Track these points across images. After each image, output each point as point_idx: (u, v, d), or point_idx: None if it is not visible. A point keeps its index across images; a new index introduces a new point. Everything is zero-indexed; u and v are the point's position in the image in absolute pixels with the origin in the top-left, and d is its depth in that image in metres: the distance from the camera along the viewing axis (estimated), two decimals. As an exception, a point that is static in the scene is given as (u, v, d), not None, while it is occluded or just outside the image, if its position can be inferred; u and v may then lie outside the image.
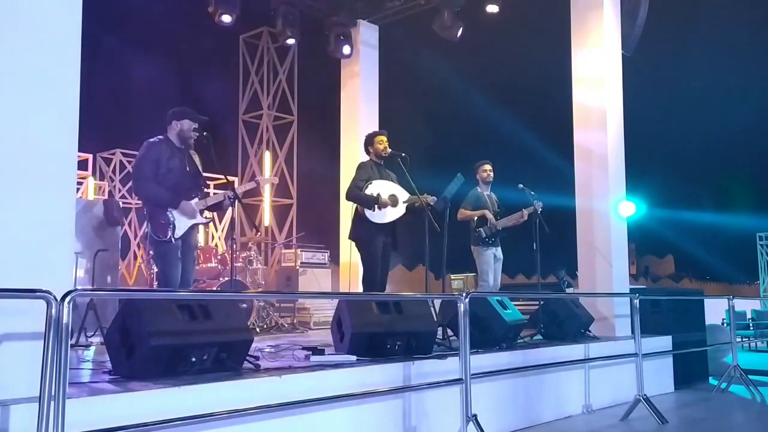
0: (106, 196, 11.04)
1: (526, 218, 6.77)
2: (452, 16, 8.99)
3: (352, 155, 8.87)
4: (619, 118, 7.32)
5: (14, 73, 2.86)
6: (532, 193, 6.80)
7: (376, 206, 5.77)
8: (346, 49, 9.52)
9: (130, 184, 11.14)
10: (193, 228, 4.94)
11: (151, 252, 4.90)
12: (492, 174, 7.06)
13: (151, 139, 4.89)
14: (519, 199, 6.91)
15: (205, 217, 5.03)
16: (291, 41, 9.69)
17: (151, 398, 2.94)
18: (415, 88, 14.33)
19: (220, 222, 12.18)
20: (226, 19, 8.24)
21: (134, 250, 11.53)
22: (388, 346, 4.30)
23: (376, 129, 8.52)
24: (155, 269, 6.87)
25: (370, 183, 5.84)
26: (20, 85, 2.88)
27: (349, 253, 6.24)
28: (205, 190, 5.24)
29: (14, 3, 2.89)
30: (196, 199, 4.93)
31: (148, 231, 4.83)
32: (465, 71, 14.23)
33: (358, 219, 5.93)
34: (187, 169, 4.93)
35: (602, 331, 6.73)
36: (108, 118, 10.37)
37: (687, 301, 7.77)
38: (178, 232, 4.78)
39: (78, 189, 10.41)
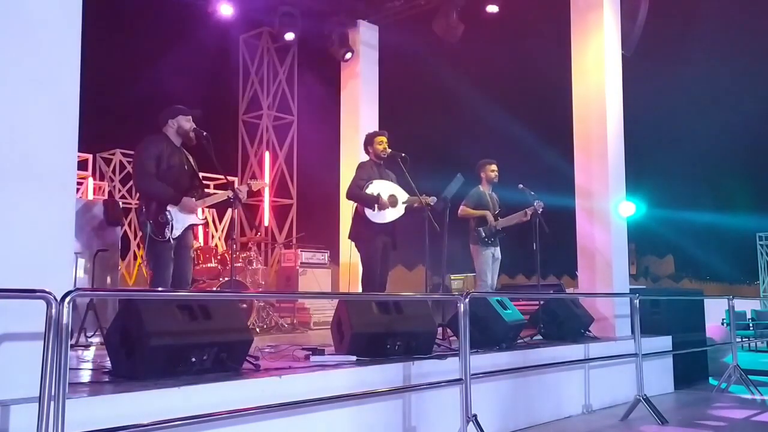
0: (106, 196, 11.03)
1: (528, 218, 6.77)
2: (452, 16, 8.99)
3: (352, 155, 8.87)
4: (619, 118, 7.32)
5: (14, 74, 2.86)
6: (532, 193, 6.80)
7: (376, 206, 5.77)
8: (348, 55, 9.55)
9: (130, 183, 11.14)
10: (189, 228, 4.94)
11: (145, 252, 4.88)
12: (498, 174, 7.06)
13: (151, 136, 4.88)
14: (519, 199, 6.91)
15: (201, 218, 5.03)
16: (290, 36, 9.67)
17: (151, 398, 2.94)
18: (415, 88, 14.32)
19: (220, 222, 12.18)
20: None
21: (134, 250, 11.52)
22: (388, 347, 4.30)
23: (376, 129, 8.52)
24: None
25: (370, 183, 5.85)
26: (20, 85, 2.88)
27: (349, 253, 6.23)
28: (204, 190, 5.24)
29: (15, 3, 2.89)
30: (194, 200, 4.93)
31: (146, 230, 4.80)
32: (465, 71, 14.22)
33: (358, 219, 5.93)
34: (186, 168, 4.94)
35: (602, 331, 6.72)
36: (108, 118, 10.36)
37: (687, 301, 7.78)
38: (176, 232, 4.77)
39: (78, 189, 10.40)
